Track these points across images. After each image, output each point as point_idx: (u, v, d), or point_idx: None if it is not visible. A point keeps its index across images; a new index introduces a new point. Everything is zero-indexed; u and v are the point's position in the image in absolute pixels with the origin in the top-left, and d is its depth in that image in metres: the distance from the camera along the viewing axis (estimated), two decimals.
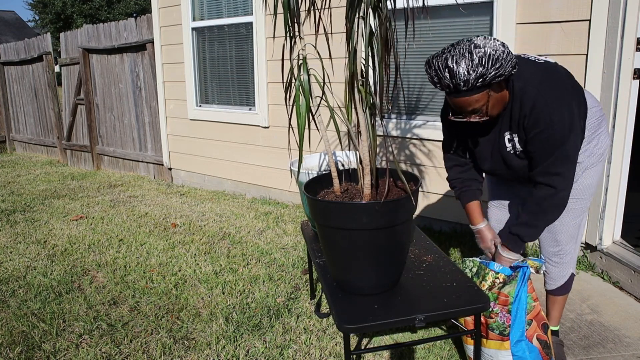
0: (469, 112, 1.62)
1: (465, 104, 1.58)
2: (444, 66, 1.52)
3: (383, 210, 1.55)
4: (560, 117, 1.61)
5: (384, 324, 1.53)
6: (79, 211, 4.38)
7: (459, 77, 1.50)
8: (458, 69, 1.50)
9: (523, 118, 1.66)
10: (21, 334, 2.36)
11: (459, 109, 1.63)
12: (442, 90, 1.59)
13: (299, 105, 1.77)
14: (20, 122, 7.98)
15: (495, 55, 1.49)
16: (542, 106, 1.62)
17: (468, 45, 1.51)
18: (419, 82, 3.48)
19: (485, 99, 1.58)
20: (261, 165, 4.57)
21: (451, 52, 1.52)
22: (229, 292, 2.73)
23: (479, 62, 1.48)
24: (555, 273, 1.98)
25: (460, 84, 1.52)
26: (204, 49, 4.82)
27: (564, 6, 2.77)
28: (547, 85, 1.64)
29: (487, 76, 1.51)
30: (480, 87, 1.54)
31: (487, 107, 1.61)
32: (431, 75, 1.57)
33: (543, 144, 1.64)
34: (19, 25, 32.69)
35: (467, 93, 1.55)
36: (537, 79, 1.65)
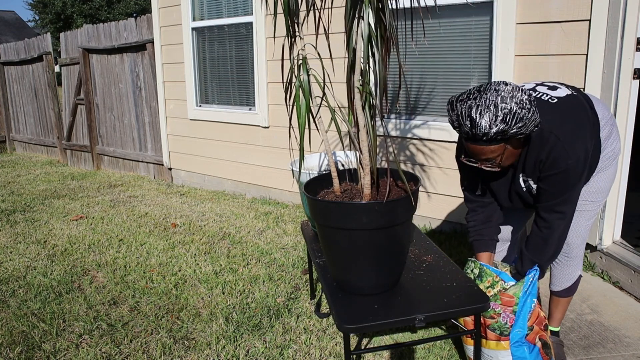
0: (482, 160, 1.63)
1: (480, 152, 1.59)
2: (467, 115, 1.51)
3: (383, 210, 1.55)
4: (576, 160, 1.62)
5: (384, 324, 1.53)
6: (79, 211, 4.38)
7: (480, 129, 1.50)
8: (480, 121, 1.49)
9: (540, 163, 1.68)
10: (21, 334, 2.36)
11: (473, 155, 1.64)
12: (459, 134, 1.61)
13: (299, 105, 1.77)
14: (20, 122, 7.99)
15: (521, 115, 1.47)
16: (559, 151, 1.62)
17: (495, 96, 1.49)
18: (419, 82, 3.49)
19: (501, 151, 1.59)
20: (261, 165, 4.57)
21: (477, 100, 1.50)
22: (229, 292, 2.73)
23: (502, 119, 1.47)
24: (563, 274, 1.98)
25: (479, 135, 1.51)
26: (204, 49, 4.82)
27: (564, 6, 2.77)
28: (565, 129, 1.64)
29: (508, 132, 1.50)
30: (499, 140, 1.54)
31: (501, 159, 1.62)
32: (452, 119, 1.57)
33: (556, 185, 1.67)
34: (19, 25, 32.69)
35: (484, 143, 1.55)
36: (554, 123, 1.65)
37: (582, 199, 1.87)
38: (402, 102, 3.60)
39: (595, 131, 1.73)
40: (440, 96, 3.41)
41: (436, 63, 3.37)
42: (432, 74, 3.41)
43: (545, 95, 1.75)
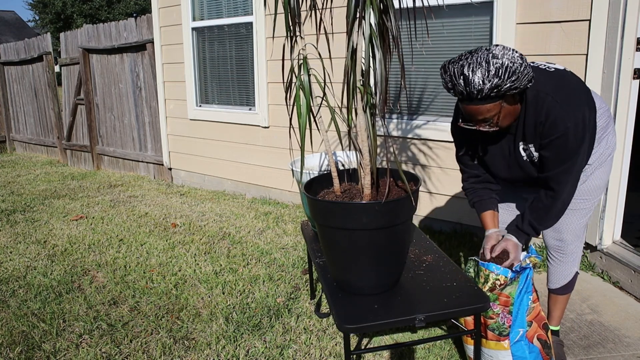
0: (479, 121, 1.62)
1: (477, 112, 1.58)
2: (459, 73, 1.51)
3: (383, 210, 1.55)
4: (575, 124, 1.61)
5: (384, 324, 1.53)
6: (79, 211, 4.38)
7: (474, 86, 1.50)
8: (473, 78, 1.49)
9: (540, 125, 1.66)
10: (21, 334, 2.36)
11: (470, 117, 1.63)
12: (455, 96, 1.60)
13: (299, 105, 1.77)
14: (20, 122, 7.99)
15: (513, 68, 1.48)
16: (557, 113, 1.61)
17: (486, 54, 1.50)
18: (420, 82, 3.49)
19: (497, 109, 1.58)
20: (261, 165, 4.57)
21: (468, 59, 1.51)
22: (229, 292, 2.73)
23: (495, 73, 1.47)
24: (559, 272, 1.98)
25: (474, 93, 1.51)
26: (204, 49, 4.82)
27: (564, 6, 2.77)
28: (561, 93, 1.63)
29: (502, 87, 1.50)
30: (493, 98, 1.54)
31: (499, 118, 1.61)
32: (445, 81, 1.57)
33: (558, 150, 1.64)
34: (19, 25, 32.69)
35: (480, 102, 1.54)
36: (550, 87, 1.65)
37: (577, 197, 1.86)
38: (403, 102, 3.60)
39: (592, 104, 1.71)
40: (441, 96, 3.41)
41: (436, 63, 3.37)
42: (433, 74, 3.41)
43: (542, 65, 1.76)
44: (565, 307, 2.07)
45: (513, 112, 1.64)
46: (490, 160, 1.87)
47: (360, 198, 1.72)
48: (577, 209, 1.88)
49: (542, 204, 1.76)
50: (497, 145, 1.82)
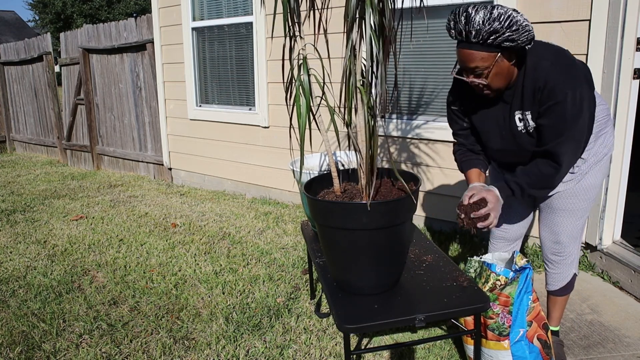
0: (470, 70, 1.63)
1: (471, 58, 1.59)
2: (463, 11, 1.55)
3: (383, 210, 1.55)
4: (573, 93, 1.59)
5: (384, 324, 1.53)
6: (79, 211, 4.38)
7: (473, 25, 1.53)
8: (475, 17, 1.52)
9: (538, 92, 1.64)
10: (21, 334, 2.36)
11: (463, 63, 1.64)
12: (454, 38, 1.62)
13: (299, 105, 1.77)
14: (20, 122, 7.99)
15: (515, 19, 1.51)
16: (556, 80, 1.60)
17: (492, 4, 1.56)
18: (419, 82, 3.49)
19: (491, 61, 1.59)
20: (261, 165, 4.57)
21: (475, 5, 1.56)
22: (229, 292, 2.73)
23: (496, 17, 1.51)
24: (557, 274, 1.98)
25: (472, 33, 1.54)
26: (204, 49, 4.82)
27: (564, 6, 2.77)
28: (561, 62, 1.63)
29: (500, 34, 1.52)
30: (490, 46, 1.55)
31: (490, 72, 1.61)
32: (449, 20, 1.60)
33: (557, 117, 1.62)
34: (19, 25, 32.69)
35: (475, 46, 1.57)
36: (550, 55, 1.65)
37: (572, 196, 1.84)
38: (402, 102, 3.60)
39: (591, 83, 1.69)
40: (441, 96, 3.41)
41: (436, 63, 3.37)
42: (433, 74, 3.41)
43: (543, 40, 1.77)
44: (564, 308, 2.07)
45: (507, 73, 1.64)
46: (484, 128, 1.85)
47: (360, 198, 1.72)
48: (572, 210, 1.87)
49: (537, 169, 1.70)
50: (492, 114, 1.81)
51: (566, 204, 1.86)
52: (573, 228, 1.89)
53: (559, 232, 1.90)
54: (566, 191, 1.85)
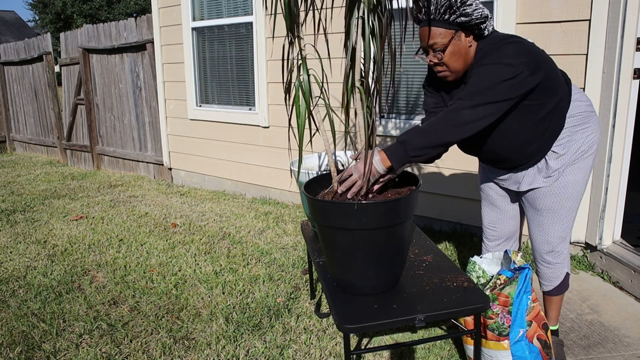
0: (430, 47, 1.70)
1: (429, 35, 1.68)
2: None
3: (383, 210, 1.55)
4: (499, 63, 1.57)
5: (384, 324, 1.53)
6: (79, 211, 4.38)
7: (431, 1, 1.61)
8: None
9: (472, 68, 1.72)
10: (21, 334, 2.36)
11: (422, 42, 1.73)
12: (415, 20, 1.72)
13: (298, 105, 1.77)
14: (20, 122, 7.99)
15: (474, 3, 1.62)
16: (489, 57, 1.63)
17: None
18: (418, 82, 3.48)
19: (448, 38, 1.67)
20: (261, 165, 4.57)
21: None
22: (229, 292, 2.73)
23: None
24: (549, 274, 1.98)
25: (431, 8, 1.62)
26: (204, 49, 4.82)
27: (564, 6, 2.77)
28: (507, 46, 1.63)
29: (454, 9, 1.61)
30: (446, 22, 1.64)
31: (449, 51, 1.69)
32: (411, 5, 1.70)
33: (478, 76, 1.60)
34: (19, 25, 32.69)
35: (434, 22, 1.65)
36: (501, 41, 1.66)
37: (554, 194, 1.83)
38: (401, 102, 3.60)
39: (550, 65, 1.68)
40: None
41: None
42: None
43: None
44: (560, 306, 2.06)
45: (464, 53, 1.71)
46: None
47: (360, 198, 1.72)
48: (557, 210, 1.85)
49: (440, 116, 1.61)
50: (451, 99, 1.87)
51: (549, 204, 1.85)
52: (560, 228, 1.88)
53: (547, 233, 1.90)
54: (545, 189, 1.84)
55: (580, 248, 2.98)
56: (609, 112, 2.66)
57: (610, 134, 2.67)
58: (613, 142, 2.67)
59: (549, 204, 1.86)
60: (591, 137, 1.82)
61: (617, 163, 2.71)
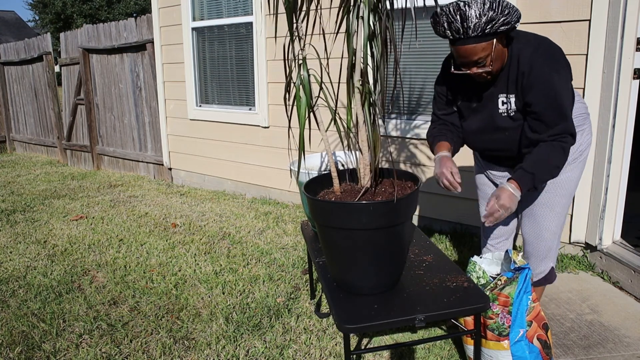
0: (473, 63, 1.66)
1: (472, 52, 1.62)
2: (456, 10, 1.56)
3: (383, 210, 1.55)
4: (559, 75, 1.66)
5: (384, 324, 1.53)
6: (79, 211, 4.38)
7: (471, 20, 1.55)
8: (470, 12, 1.55)
9: (521, 76, 1.69)
10: (21, 334, 2.36)
11: (464, 59, 1.66)
12: (449, 37, 1.63)
13: (299, 105, 1.77)
14: (20, 122, 7.99)
15: (504, 3, 1.56)
16: (539, 64, 1.66)
17: None
18: (419, 82, 3.48)
19: (490, 49, 1.63)
20: (261, 165, 4.57)
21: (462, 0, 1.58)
22: (229, 292, 2.73)
23: (489, 7, 1.54)
24: (535, 267, 2.04)
25: (471, 27, 1.56)
26: (204, 49, 4.82)
27: (564, 6, 2.77)
28: (543, 48, 1.69)
29: (496, 22, 1.56)
30: (487, 35, 1.59)
31: (491, 59, 1.65)
32: (440, 22, 1.61)
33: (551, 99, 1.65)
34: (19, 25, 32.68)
35: (475, 40, 1.60)
36: (534, 42, 1.71)
37: (551, 191, 1.90)
38: (402, 102, 3.60)
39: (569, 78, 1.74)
40: None
41: (436, 63, 3.37)
42: (432, 74, 3.41)
43: None
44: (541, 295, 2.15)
45: (502, 55, 1.69)
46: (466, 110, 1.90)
47: (360, 198, 1.72)
48: (552, 206, 1.91)
49: (548, 148, 1.69)
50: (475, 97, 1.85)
51: (545, 199, 1.91)
52: (555, 224, 1.94)
53: (541, 228, 1.95)
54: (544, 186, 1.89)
55: (580, 248, 2.98)
56: (609, 112, 2.66)
57: (610, 134, 2.67)
58: (613, 142, 2.67)
59: (545, 200, 1.91)
60: (587, 138, 1.89)
61: (617, 163, 2.71)
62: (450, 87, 1.91)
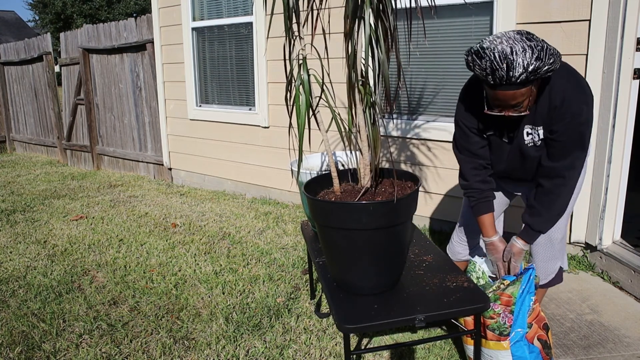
0: (510, 106, 1.61)
1: (512, 97, 1.57)
2: (503, 58, 1.49)
3: (383, 210, 1.55)
4: (587, 107, 1.65)
5: (384, 324, 1.53)
6: (79, 211, 4.38)
7: (517, 70, 1.48)
8: (517, 61, 1.48)
9: (554, 109, 1.67)
10: (21, 334, 2.36)
11: (502, 102, 1.60)
12: (489, 81, 1.56)
13: (299, 105, 1.77)
14: (20, 122, 7.98)
15: (551, 51, 1.50)
16: (573, 97, 1.63)
17: (520, 37, 1.51)
18: (419, 82, 3.49)
19: (529, 93, 1.58)
20: (261, 165, 4.57)
21: (508, 42, 1.50)
22: (229, 292, 2.73)
23: (537, 56, 1.48)
24: (546, 268, 2.03)
25: (516, 76, 1.50)
26: (204, 49, 4.82)
27: (564, 6, 2.77)
28: (573, 79, 1.67)
29: (541, 70, 1.50)
30: (531, 81, 1.54)
31: (529, 102, 1.61)
32: (483, 67, 1.53)
33: (574, 134, 1.67)
34: (19, 25, 32.68)
35: (517, 86, 1.54)
36: (564, 73, 1.68)
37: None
38: (403, 102, 3.60)
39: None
40: (441, 96, 3.41)
41: (436, 63, 3.37)
42: (433, 74, 3.41)
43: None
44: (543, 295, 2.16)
45: (535, 95, 1.65)
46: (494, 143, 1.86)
47: (360, 198, 1.72)
48: None
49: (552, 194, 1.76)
50: (504, 131, 1.82)
51: None
52: (563, 224, 1.95)
53: (552, 230, 1.94)
54: None
55: (580, 248, 2.98)
56: (609, 112, 2.66)
57: (610, 134, 2.67)
58: (613, 142, 2.67)
59: None
60: None
61: (617, 163, 2.71)
62: (479, 119, 1.84)
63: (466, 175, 1.93)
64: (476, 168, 1.91)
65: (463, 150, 1.91)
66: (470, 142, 1.88)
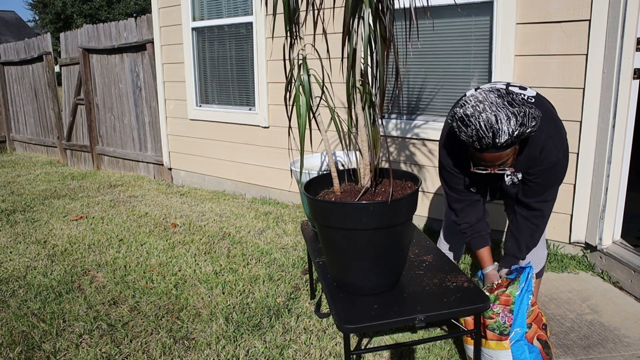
0: (496, 166, 1.68)
1: (497, 158, 1.64)
2: (489, 127, 1.53)
3: (383, 210, 1.55)
4: (564, 153, 1.77)
5: (384, 324, 1.53)
6: (79, 211, 4.38)
7: (502, 137, 1.53)
8: (502, 129, 1.52)
9: (533, 160, 1.77)
10: (21, 334, 2.36)
11: (488, 162, 1.67)
12: (475, 146, 1.62)
13: (299, 105, 1.77)
14: (20, 122, 7.98)
15: (534, 114, 1.55)
16: (551, 147, 1.74)
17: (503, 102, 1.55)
18: (419, 82, 3.49)
19: (514, 151, 1.66)
20: (261, 165, 4.57)
21: (491, 108, 1.53)
22: (229, 292, 2.73)
23: (521, 123, 1.53)
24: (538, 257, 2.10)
25: (502, 142, 1.55)
26: (204, 49, 4.82)
27: (564, 6, 2.77)
28: (551, 127, 1.76)
29: (524, 134, 1.56)
30: (514, 143, 1.60)
31: (513, 159, 1.69)
32: (469, 134, 1.57)
33: (549, 177, 1.80)
34: (19, 25, 32.68)
35: (501, 149, 1.60)
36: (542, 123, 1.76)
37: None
38: (402, 102, 3.60)
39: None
40: (441, 96, 3.41)
41: (436, 63, 3.37)
42: (433, 74, 3.41)
43: (522, 95, 1.77)
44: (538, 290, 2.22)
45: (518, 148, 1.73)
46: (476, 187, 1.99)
47: (360, 198, 1.72)
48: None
49: (531, 224, 1.92)
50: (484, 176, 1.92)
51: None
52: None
53: None
54: None
55: (580, 248, 2.98)
56: (609, 112, 2.66)
57: (610, 134, 2.67)
58: (613, 142, 2.67)
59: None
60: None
61: (617, 163, 2.71)
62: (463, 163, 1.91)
63: (456, 210, 2.04)
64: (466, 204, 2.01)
65: (452, 189, 2.01)
66: (457, 182, 1.98)
